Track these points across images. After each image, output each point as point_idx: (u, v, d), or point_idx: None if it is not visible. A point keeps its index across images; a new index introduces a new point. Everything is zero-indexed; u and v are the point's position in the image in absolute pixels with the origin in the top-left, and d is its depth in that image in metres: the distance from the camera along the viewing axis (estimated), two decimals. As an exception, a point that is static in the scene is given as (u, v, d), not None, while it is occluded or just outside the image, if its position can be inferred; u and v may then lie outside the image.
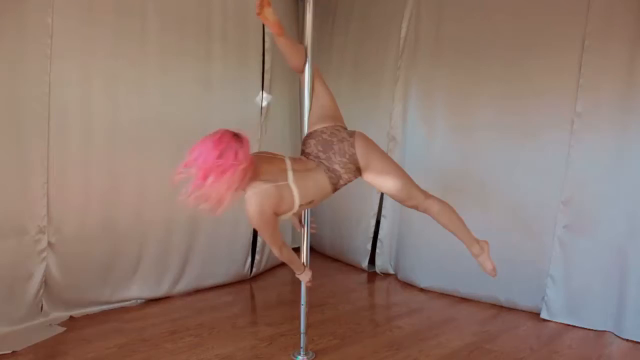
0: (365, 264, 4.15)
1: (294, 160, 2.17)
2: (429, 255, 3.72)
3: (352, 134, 2.20)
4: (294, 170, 2.09)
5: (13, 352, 2.50)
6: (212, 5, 3.36)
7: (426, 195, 2.25)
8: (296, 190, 2.05)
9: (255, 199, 2.00)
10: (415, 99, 3.78)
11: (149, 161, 3.16)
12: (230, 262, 3.67)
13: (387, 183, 2.20)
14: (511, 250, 3.32)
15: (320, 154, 2.16)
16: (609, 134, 2.95)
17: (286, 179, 2.05)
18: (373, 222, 4.08)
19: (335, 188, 2.19)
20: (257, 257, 3.84)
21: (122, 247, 3.13)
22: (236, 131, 1.96)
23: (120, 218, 3.10)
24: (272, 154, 2.22)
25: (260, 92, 3.64)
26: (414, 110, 3.79)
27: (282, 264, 4.19)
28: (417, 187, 2.25)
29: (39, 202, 2.78)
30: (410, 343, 2.80)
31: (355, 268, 4.20)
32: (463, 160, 3.53)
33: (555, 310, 3.17)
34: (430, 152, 3.71)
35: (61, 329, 2.79)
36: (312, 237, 4.51)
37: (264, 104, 3.54)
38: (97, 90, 2.93)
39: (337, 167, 2.14)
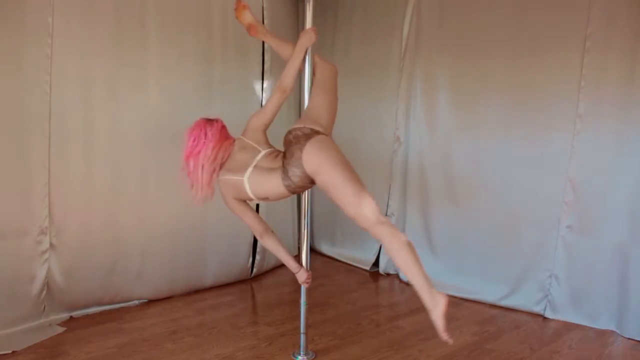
0: (370, 264, 4.13)
1: (268, 154, 2.14)
2: (430, 255, 3.72)
3: (309, 137, 2.02)
4: (255, 167, 2.10)
5: (13, 352, 2.51)
6: (212, 5, 3.36)
7: (379, 220, 1.92)
8: (248, 186, 2.09)
9: (220, 185, 2.19)
10: (418, 99, 3.78)
11: (150, 161, 3.15)
12: (231, 262, 3.67)
13: (334, 198, 1.98)
14: (513, 250, 3.33)
15: (287, 154, 2.06)
16: (611, 135, 2.95)
17: (243, 174, 2.10)
18: None
19: (291, 191, 2.08)
20: (258, 257, 3.83)
21: (124, 247, 3.12)
22: (212, 117, 2.21)
23: (122, 218, 3.09)
24: (257, 142, 2.19)
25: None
26: (417, 110, 3.79)
27: (283, 264, 4.18)
28: (371, 208, 1.91)
29: (41, 203, 2.78)
30: (410, 343, 2.80)
31: (356, 268, 4.20)
32: (465, 160, 3.53)
33: (559, 309, 3.17)
34: (433, 151, 3.71)
35: (61, 329, 2.79)
36: (313, 237, 4.57)
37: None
38: (98, 89, 2.93)
39: (290, 170, 2.01)
